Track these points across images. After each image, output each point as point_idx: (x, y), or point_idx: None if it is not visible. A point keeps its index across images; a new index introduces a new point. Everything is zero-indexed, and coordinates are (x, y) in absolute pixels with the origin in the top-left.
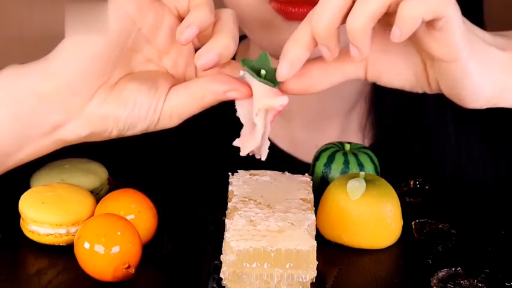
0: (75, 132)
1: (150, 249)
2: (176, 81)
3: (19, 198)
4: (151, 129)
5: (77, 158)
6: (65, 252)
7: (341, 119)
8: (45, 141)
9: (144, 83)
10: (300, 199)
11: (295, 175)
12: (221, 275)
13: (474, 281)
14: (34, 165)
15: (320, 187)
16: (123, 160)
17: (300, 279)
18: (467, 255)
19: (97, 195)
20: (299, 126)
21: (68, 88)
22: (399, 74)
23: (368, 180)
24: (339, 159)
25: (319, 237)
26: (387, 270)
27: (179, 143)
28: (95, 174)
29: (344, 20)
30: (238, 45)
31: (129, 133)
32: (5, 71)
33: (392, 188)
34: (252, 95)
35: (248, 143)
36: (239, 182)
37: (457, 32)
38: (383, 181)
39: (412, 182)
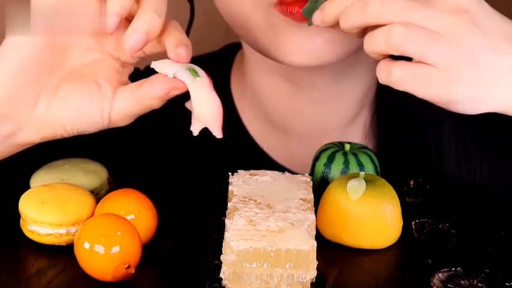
0: (28, 138)
1: (150, 249)
2: (122, 77)
3: (19, 198)
4: (105, 128)
5: (77, 158)
6: (65, 252)
7: (339, 132)
8: (2, 147)
9: (85, 89)
10: (300, 199)
11: (295, 175)
12: (221, 275)
13: (474, 281)
14: (34, 165)
15: (320, 187)
16: (123, 160)
17: (300, 279)
18: (467, 255)
19: (97, 195)
20: (296, 139)
21: (8, 101)
22: None
23: (368, 180)
24: (339, 159)
25: (319, 237)
26: (387, 270)
27: (179, 143)
28: (95, 174)
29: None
30: (234, 56)
31: (82, 133)
32: None
33: (392, 188)
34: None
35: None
36: (239, 182)
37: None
38: (383, 181)
39: (412, 182)
